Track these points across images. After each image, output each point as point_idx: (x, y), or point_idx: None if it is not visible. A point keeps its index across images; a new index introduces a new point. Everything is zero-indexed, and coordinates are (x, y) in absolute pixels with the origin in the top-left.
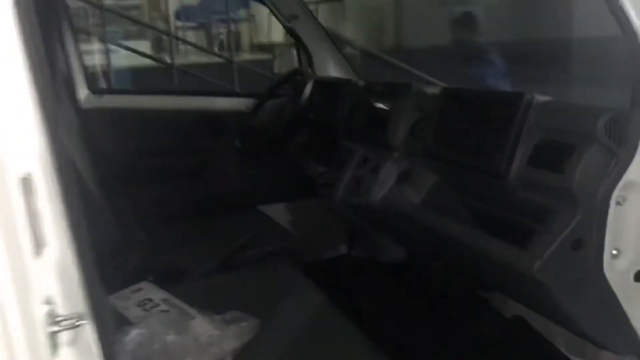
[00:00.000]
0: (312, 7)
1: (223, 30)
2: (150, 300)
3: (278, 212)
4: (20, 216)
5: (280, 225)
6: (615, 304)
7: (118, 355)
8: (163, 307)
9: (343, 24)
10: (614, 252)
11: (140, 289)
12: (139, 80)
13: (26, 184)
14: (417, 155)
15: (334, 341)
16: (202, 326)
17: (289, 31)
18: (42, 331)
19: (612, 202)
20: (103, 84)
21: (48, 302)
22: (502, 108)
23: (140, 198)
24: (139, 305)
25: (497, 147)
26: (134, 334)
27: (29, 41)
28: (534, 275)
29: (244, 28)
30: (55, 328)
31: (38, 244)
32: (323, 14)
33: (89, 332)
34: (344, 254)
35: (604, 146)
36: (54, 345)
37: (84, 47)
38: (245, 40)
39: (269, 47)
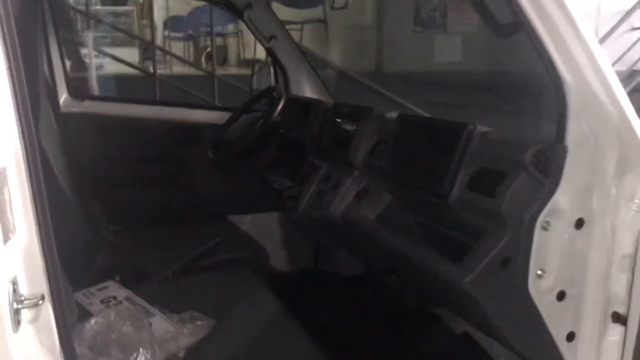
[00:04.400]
0: (298, 26)
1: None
2: (114, 298)
3: (247, 222)
4: None
5: (247, 234)
6: (539, 320)
7: (76, 342)
8: (125, 304)
9: (325, 44)
10: (539, 272)
11: (105, 287)
12: (122, 87)
13: None
14: (375, 175)
15: (283, 345)
16: (160, 323)
17: (268, 51)
18: (6, 307)
19: (538, 226)
20: (86, 89)
21: (13, 282)
22: (448, 136)
23: (112, 201)
24: (103, 302)
25: (441, 171)
26: (92, 322)
27: (8, 43)
28: (465, 288)
29: (231, 42)
30: (18, 306)
31: (6, 231)
32: (307, 34)
33: (49, 313)
34: (309, 267)
35: (532, 176)
36: (17, 322)
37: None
38: (232, 55)
39: (253, 63)
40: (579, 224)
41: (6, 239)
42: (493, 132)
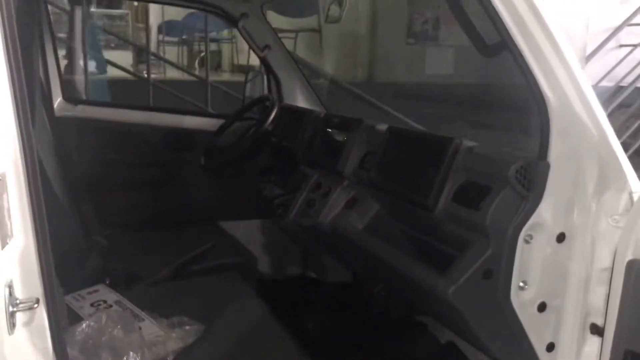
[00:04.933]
0: (292, 35)
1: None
2: (104, 301)
3: (237, 229)
4: None
5: (237, 240)
6: (520, 331)
7: (68, 345)
8: (115, 308)
9: (319, 54)
10: (521, 284)
11: (96, 291)
12: (116, 91)
13: None
14: (364, 185)
15: (270, 352)
16: (149, 327)
17: (262, 60)
18: (2, 310)
19: (521, 239)
20: (79, 93)
21: (9, 286)
22: (435, 149)
23: (104, 205)
24: (93, 306)
25: (428, 184)
26: (83, 326)
27: (9, 48)
28: (448, 299)
29: (225, 48)
30: (14, 309)
31: (4, 237)
32: (301, 43)
33: (43, 316)
34: (298, 274)
35: (515, 190)
36: (12, 324)
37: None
38: (226, 60)
39: (247, 71)
40: (561, 237)
41: (4, 244)
42: (479, 147)
